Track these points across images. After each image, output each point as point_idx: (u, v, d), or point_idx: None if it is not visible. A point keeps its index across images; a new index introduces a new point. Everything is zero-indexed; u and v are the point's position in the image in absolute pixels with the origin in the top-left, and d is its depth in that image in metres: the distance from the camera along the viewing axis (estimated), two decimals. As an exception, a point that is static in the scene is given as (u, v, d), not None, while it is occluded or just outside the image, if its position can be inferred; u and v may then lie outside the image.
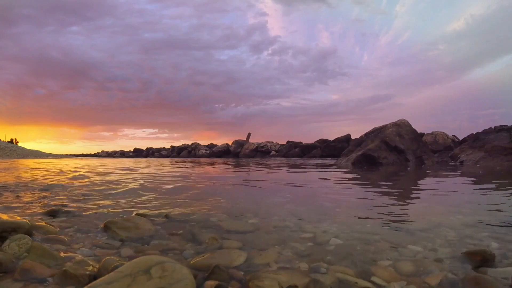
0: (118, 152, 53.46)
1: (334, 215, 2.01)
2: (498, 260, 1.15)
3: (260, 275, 1.01)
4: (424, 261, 1.15)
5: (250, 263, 1.15)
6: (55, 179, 4.45)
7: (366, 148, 11.01)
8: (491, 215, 2.03)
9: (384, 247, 1.32)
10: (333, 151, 24.43)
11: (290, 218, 1.89)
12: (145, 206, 2.31)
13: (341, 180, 4.69)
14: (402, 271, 1.06)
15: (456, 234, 1.50)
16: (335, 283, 0.98)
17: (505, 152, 10.49)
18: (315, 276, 1.02)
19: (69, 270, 1.04)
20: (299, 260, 1.16)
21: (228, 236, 1.48)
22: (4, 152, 28.91)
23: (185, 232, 1.54)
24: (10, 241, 1.31)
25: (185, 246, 1.34)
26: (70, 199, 2.58)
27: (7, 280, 1.00)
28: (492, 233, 1.53)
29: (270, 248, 1.30)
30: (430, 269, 1.08)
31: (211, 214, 1.97)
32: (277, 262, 1.15)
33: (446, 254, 1.22)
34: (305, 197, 3.06)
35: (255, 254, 1.22)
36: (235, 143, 36.08)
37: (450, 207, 2.40)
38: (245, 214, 2.01)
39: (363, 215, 2.02)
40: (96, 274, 1.02)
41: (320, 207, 2.39)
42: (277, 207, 2.33)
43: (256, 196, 3.12)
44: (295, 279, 0.99)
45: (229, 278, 1.02)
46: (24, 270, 1.06)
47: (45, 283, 0.98)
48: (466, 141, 13.90)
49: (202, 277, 1.01)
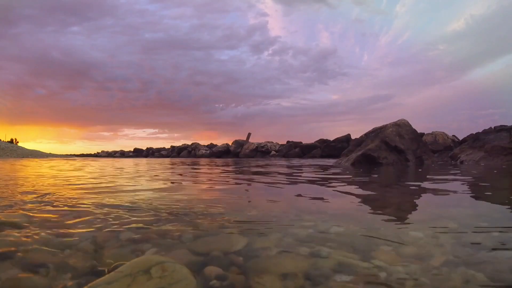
0: (118, 152, 53.48)
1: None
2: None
3: (259, 264, 1.01)
4: (426, 246, 1.15)
5: (250, 248, 1.15)
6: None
7: (366, 148, 11.01)
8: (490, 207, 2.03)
9: (386, 233, 1.33)
10: (333, 151, 24.45)
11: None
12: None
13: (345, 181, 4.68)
14: (404, 254, 1.06)
15: (458, 224, 1.50)
16: (335, 265, 0.98)
17: (505, 152, 10.50)
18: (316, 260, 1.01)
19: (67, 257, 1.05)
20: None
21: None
22: (4, 152, 28.90)
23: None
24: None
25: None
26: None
27: (6, 265, 1.00)
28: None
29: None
30: (432, 252, 1.08)
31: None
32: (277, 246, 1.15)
33: (448, 240, 1.22)
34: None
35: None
36: (235, 143, 36.10)
37: (450, 201, 2.41)
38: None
39: (363, 209, 2.03)
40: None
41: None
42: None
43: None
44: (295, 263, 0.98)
45: (229, 264, 1.02)
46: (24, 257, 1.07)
47: (45, 267, 0.98)
48: (466, 141, 13.90)
49: (201, 263, 1.01)
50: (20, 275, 0.92)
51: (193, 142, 40.59)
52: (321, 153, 26.91)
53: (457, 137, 19.82)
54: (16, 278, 0.91)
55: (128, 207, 1.90)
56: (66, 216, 1.65)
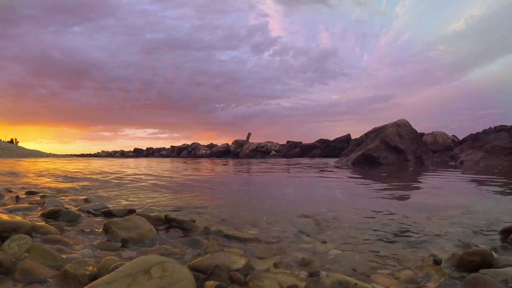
0: (118, 152, 53.49)
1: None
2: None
3: (260, 275, 1.00)
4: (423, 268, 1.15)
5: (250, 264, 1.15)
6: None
7: (366, 148, 11.02)
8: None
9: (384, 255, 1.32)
10: (333, 151, 24.45)
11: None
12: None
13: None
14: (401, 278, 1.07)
15: (454, 245, 1.49)
16: (335, 283, 0.98)
17: (505, 152, 10.50)
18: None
19: (69, 270, 1.04)
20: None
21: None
22: (4, 152, 28.92)
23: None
24: (10, 241, 1.30)
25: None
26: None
27: (7, 282, 0.99)
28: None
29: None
30: (430, 275, 1.08)
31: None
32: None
33: (446, 264, 1.22)
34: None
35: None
36: (235, 143, 36.09)
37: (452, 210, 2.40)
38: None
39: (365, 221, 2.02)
40: (96, 274, 1.01)
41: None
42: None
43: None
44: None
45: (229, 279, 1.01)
46: (24, 271, 1.06)
47: (46, 284, 0.98)
48: (466, 141, 13.90)
49: (202, 278, 1.01)
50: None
51: (193, 142, 40.57)
52: (321, 153, 26.90)
53: (457, 137, 19.80)
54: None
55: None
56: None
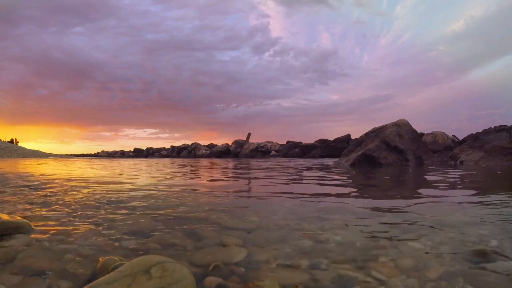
0: (118, 152, 53.50)
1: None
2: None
3: (260, 274, 1.01)
4: (424, 257, 1.15)
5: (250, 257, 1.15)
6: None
7: (366, 148, 11.01)
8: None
9: (384, 243, 1.33)
10: (333, 151, 24.47)
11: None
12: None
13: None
14: (402, 266, 1.07)
15: (457, 233, 1.50)
16: (335, 278, 0.99)
17: (505, 152, 10.51)
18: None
19: (67, 265, 1.05)
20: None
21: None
22: (4, 152, 28.93)
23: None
24: (9, 237, 1.32)
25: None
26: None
27: (5, 273, 1.00)
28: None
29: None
30: (430, 264, 1.08)
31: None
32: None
33: (447, 251, 1.22)
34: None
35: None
36: (235, 143, 36.10)
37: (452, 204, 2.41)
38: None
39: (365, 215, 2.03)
40: (95, 272, 1.02)
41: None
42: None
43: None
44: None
45: (230, 273, 1.02)
46: (23, 265, 1.07)
47: (44, 276, 0.99)
48: (466, 141, 13.92)
49: (202, 273, 1.01)
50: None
51: (193, 142, 40.59)
52: (321, 153, 26.92)
53: (457, 137, 19.83)
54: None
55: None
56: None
